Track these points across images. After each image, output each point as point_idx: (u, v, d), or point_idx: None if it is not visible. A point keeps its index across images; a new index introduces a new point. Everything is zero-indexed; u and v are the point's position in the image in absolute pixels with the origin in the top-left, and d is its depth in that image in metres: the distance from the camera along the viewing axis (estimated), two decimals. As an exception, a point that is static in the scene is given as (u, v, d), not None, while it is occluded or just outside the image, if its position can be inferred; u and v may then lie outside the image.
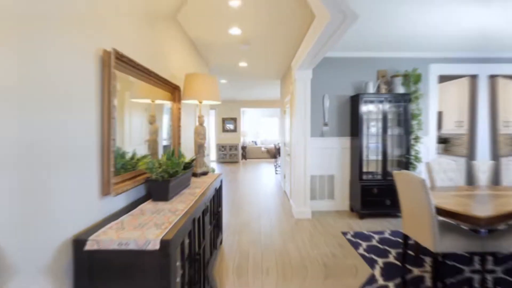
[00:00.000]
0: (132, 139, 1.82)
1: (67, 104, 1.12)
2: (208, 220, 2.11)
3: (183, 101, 2.61)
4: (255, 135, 13.97)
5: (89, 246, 1.10)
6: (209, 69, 4.95)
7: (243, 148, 11.57)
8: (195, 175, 2.57)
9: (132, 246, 1.09)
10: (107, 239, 1.10)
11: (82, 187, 1.21)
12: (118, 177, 1.50)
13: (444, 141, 5.85)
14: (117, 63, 1.44)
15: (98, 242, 1.10)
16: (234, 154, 10.82)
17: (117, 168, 1.50)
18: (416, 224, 2.16)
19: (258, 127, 14.02)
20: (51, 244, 1.04)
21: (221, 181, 2.83)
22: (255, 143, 12.62)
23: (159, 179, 1.61)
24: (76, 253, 1.11)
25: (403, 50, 3.96)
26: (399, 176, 2.25)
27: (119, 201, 1.54)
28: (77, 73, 1.18)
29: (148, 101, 2.13)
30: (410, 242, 2.89)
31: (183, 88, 2.48)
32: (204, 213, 1.91)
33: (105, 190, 1.36)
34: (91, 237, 1.11)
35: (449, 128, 5.33)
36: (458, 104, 4.98)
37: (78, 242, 1.11)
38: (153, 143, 2.26)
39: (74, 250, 1.11)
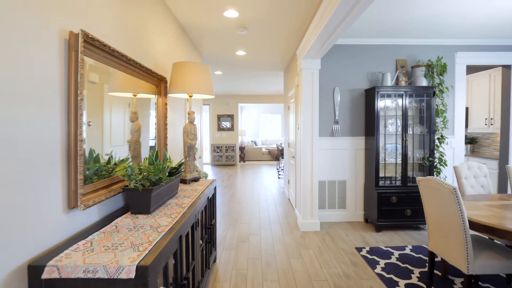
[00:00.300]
0: (113, 140, 1.76)
1: (21, 99, 1.01)
2: (199, 235, 2.01)
3: (170, 95, 2.51)
4: (254, 134, 13.89)
5: (48, 273, 0.99)
6: (203, 59, 4.85)
7: (241, 149, 11.48)
8: (184, 181, 2.47)
9: (101, 274, 0.99)
10: (71, 265, 1.00)
11: (41, 199, 1.11)
12: (89, 186, 1.39)
13: (470, 141, 5.76)
14: (87, 47, 1.34)
15: (59, 268, 0.99)
16: (231, 156, 10.72)
17: (89, 175, 1.40)
18: (445, 240, 2.06)
19: (258, 125, 13.94)
20: (-1, 272, 0.93)
21: (215, 188, 2.72)
22: (255, 143, 12.53)
23: (139, 188, 1.50)
24: (31, 282, 1.00)
25: (425, 36, 3.86)
26: (425, 183, 2.14)
27: (89, 215, 1.43)
28: (35, 60, 1.08)
29: (130, 95, 2.04)
30: (436, 259, 2.80)
31: (170, 79, 2.38)
32: (194, 227, 1.81)
33: (71, 202, 1.26)
34: (51, 262, 1.01)
35: (476, 127, 5.24)
36: (488, 99, 4.89)
37: (35, 269, 1.00)
38: (134, 144, 2.17)
39: (30, 278, 1.00)
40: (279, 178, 7.85)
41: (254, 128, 13.96)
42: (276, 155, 10.31)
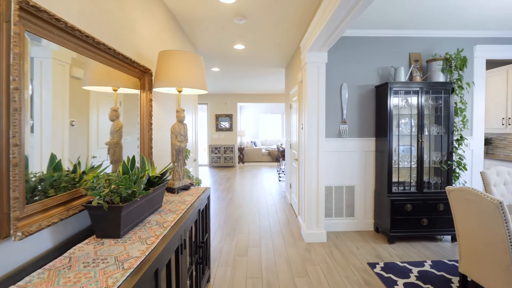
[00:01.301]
0: (100, 142, 1.58)
1: None
2: (187, 258, 1.67)
3: (155, 89, 2.17)
4: (254, 134, 13.56)
5: None
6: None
7: (241, 150, 11.14)
8: (171, 190, 2.13)
9: None
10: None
11: None
12: (35, 204, 1.06)
13: (485, 142, 5.43)
14: (29, 20, 1.00)
15: None
16: (230, 157, 10.38)
17: (43, 188, 1.09)
18: (483, 263, 1.72)
19: (258, 125, 13.61)
20: None
21: (209, 198, 2.39)
22: (255, 144, 12.19)
23: (104, 205, 1.17)
24: None
25: (441, 27, 3.53)
26: (458, 195, 1.81)
27: (35, 244, 1.09)
28: None
29: (109, 89, 1.75)
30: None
31: (155, 71, 2.05)
32: (179, 251, 1.47)
33: (3, 230, 0.92)
34: None
35: (491, 127, 4.91)
36: (506, 97, 4.56)
37: None
38: (114, 147, 1.86)
39: None
40: (279, 180, 7.51)
41: (254, 128, 13.63)
42: (277, 156, 9.99)
